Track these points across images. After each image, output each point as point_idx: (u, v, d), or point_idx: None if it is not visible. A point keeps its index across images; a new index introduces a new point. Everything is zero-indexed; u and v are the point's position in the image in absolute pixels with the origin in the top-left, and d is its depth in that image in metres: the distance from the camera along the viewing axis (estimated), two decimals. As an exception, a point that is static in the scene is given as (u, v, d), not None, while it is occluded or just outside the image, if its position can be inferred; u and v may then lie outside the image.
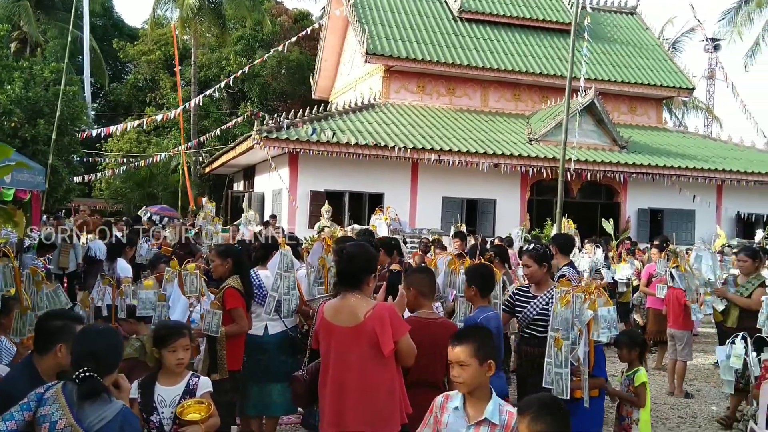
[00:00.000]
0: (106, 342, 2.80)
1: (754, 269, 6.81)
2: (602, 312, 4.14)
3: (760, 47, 33.11)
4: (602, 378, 4.40)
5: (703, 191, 19.74)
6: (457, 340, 3.01)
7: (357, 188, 17.65)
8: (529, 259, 4.91)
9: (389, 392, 3.41)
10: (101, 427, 2.61)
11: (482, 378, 2.96)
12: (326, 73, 25.79)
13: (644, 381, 4.73)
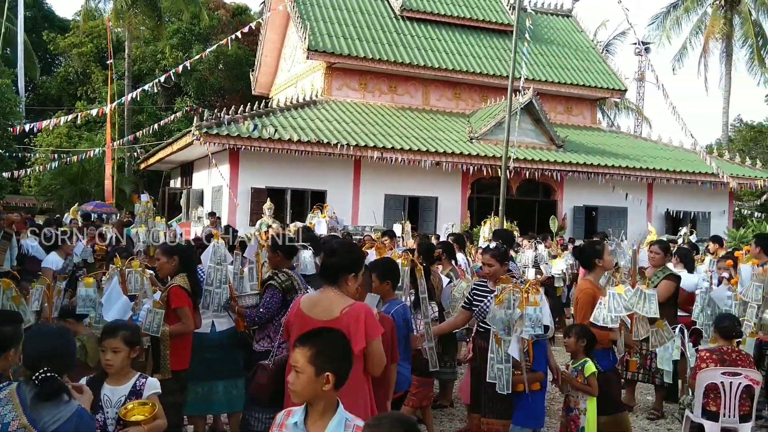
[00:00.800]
0: (62, 341, 2.72)
1: (663, 263, 7.02)
2: (528, 311, 4.29)
3: (687, 51, 34.54)
4: (541, 372, 4.49)
5: (634, 189, 20.45)
6: (299, 342, 2.65)
7: (299, 185, 17.53)
8: (491, 258, 5.05)
9: (354, 390, 3.37)
10: (56, 427, 2.55)
11: (316, 390, 2.58)
12: (266, 68, 25.49)
13: (594, 371, 4.85)
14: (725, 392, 5.11)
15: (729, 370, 5.12)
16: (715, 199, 21.98)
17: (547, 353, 4.72)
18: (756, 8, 32.46)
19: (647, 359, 6.72)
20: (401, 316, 4.38)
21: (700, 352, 5.34)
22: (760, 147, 32.15)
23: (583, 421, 4.79)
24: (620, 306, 4.73)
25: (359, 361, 3.40)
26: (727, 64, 33.27)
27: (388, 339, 3.70)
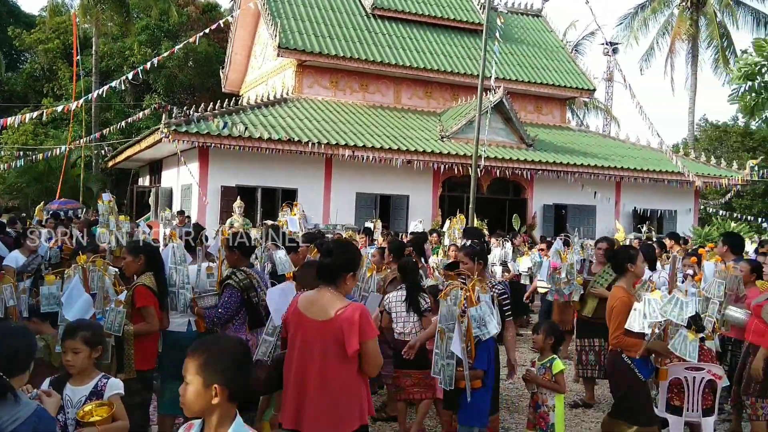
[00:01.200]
0: (17, 341, 2.67)
1: (606, 259, 7.02)
2: (471, 311, 4.29)
3: (654, 52, 35.09)
4: (481, 370, 4.49)
5: (603, 188, 20.71)
6: (190, 350, 2.42)
7: (270, 183, 17.42)
8: (465, 256, 5.09)
9: (348, 390, 3.41)
10: (15, 428, 2.50)
11: (206, 402, 2.33)
12: (237, 66, 25.29)
13: (562, 369, 4.90)
14: (689, 387, 5.20)
15: (692, 366, 5.21)
16: (681, 197, 22.37)
17: (492, 351, 4.69)
18: (721, 10, 33.08)
19: (601, 355, 6.82)
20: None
21: (664, 348, 5.42)
22: (724, 146, 32.80)
23: (552, 417, 4.83)
24: (656, 312, 4.66)
25: (353, 361, 3.39)
26: (692, 65, 33.86)
27: None
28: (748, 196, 31.06)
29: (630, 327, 4.75)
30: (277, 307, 4.47)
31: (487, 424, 4.68)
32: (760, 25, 32.02)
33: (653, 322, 4.72)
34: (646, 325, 4.71)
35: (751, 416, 5.61)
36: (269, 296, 4.50)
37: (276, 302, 4.46)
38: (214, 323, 4.73)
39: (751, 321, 5.72)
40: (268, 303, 4.49)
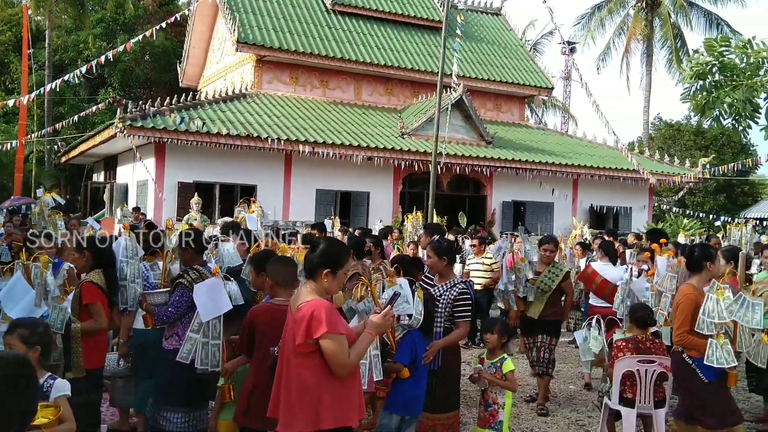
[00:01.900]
0: None
1: (553, 259, 7.13)
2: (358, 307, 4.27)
3: (610, 51, 35.76)
4: (401, 364, 4.50)
5: (561, 185, 21.02)
6: None
7: (228, 180, 17.21)
8: (430, 250, 5.07)
9: (301, 390, 3.32)
10: None
11: None
12: (194, 60, 24.91)
13: (512, 369, 4.91)
14: (641, 380, 5.29)
15: (644, 358, 5.31)
16: (636, 194, 22.84)
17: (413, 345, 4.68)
18: (675, 11, 33.86)
19: (542, 351, 6.80)
20: None
21: (616, 342, 5.51)
22: (678, 145, 33.54)
23: (502, 415, 4.84)
24: (722, 312, 4.55)
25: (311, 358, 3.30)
26: (647, 65, 34.59)
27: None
28: (700, 194, 31.86)
29: (699, 329, 4.64)
30: (204, 303, 4.40)
31: (418, 414, 4.67)
32: (712, 25, 32.86)
33: (720, 323, 4.59)
34: (713, 326, 4.60)
35: (701, 407, 5.74)
36: (196, 293, 4.42)
37: (203, 299, 4.38)
38: (163, 321, 4.65)
39: (700, 314, 5.84)
40: (195, 300, 4.41)
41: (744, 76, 6.50)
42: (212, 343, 4.44)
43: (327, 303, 3.39)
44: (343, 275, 3.49)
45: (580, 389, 7.75)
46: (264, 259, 4.65)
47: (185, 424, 4.57)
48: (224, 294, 4.55)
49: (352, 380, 3.40)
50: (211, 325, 4.47)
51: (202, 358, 4.42)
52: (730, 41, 6.88)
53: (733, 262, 5.83)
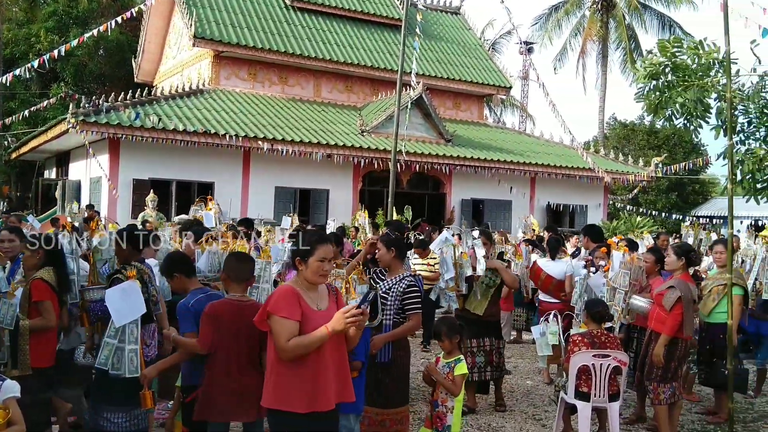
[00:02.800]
0: None
1: (491, 252, 7.09)
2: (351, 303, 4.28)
3: (567, 52, 36.32)
4: (359, 362, 4.52)
5: (518, 183, 21.28)
6: None
7: (185, 177, 16.95)
8: (380, 243, 5.10)
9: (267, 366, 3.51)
10: None
11: None
12: (150, 55, 24.46)
13: (464, 373, 4.87)
14: (596, 374, 5.38)
15: (599, 353, 5.40)
16: (591, 192, 23.25)
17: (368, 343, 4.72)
18: (629, 13, 34.58)
19: (492, 355, 6.57)
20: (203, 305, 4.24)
21: (572, 336, 5.59)
22: (632, 144, 34.24)
23: (450, 419, 4.81)
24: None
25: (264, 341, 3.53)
26: (602, 65, 35.25)
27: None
28: (653, 192, 32.59)
29: None
30: (119, 308, 4.29)
31: (361, 411, 4.69)
32: (665, 27, 33.66)
33: None
34: None
35: (654, 401, 5.87)
36: (108, 297, 4.32)
37: (117, 303, 4.29)
38: (98, 317, 4.56)
39: (653, 309, 5.98)
40: (108, 304, 4.30)
41: (695, 76, 6.63)
42: (129, 348, 4.32)
43: (289, 288, 3.47)
44: (316, 263, 3.46)
45: (537, 384, 7.85)
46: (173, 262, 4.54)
47: (126, 423, 4.50)
48: (139, 297, 4.43)
49: (304, 367, 3.36)
50: (127, 329, 4.34)
51: (113, 362, 4.31)
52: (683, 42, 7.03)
53: (685, 259, 5.97)
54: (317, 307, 3.48)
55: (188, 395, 4.19)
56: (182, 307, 4.23)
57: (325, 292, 3.59)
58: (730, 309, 5.58)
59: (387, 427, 4.87)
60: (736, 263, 7.76)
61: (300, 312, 3.39)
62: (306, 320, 3.38)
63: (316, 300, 3.51)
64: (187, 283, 4.43)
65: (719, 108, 6.17)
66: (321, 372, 3.38)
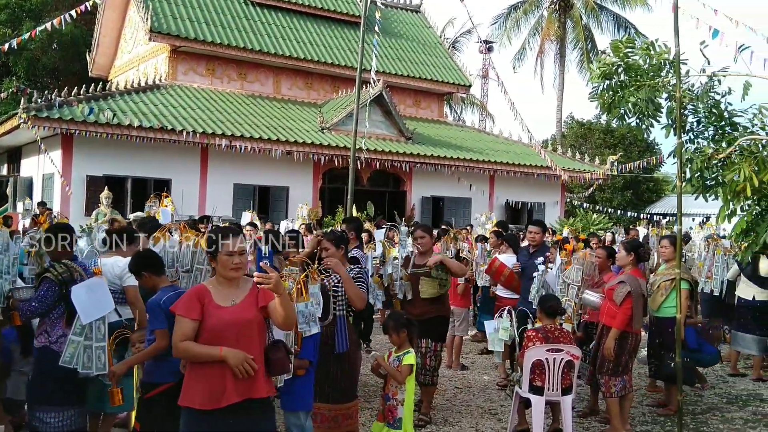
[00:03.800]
0: None
1: (431, 245, 6.53)
2: (299, 307, 4.25)
3: (526, 51, 36.74)
4: (306, 360, 4.54)
5: (478, 181, 21.47)
6: None
7: (141, 173, 16.65)
8: (326, 242, 5.09)
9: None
10: None
11: None
12: (105, 49, 23.93)
13: (411, 363, 4.91)
14: (549, 368, 5.47)
15: (552, 347, 5.49)
16: (549, 190, 23.60)
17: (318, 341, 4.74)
18: (586, 13, 35.16)
19: (427, 358, 6.16)
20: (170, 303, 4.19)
21: (527, 332, 5.68)
22: (589, 143, 34.84)
23: (400, 412, 4.85)
24: None
25: None
26: (560, 65, 35.77)
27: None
28: (608, 190, 33.23)
29: None
30: (84, 306, 4.23)
31: (310, 408, 4.70)
32: (621, 28, 34.32)
33: None
34: None
35: (605, 394, 6.00)
36: (74, 294, 4.26)
37: (83, 301, 4.22)
38: (27, 316, 4.48)
39: (604, 304, 6.10)
40: (74, 301, 4.24)
41: (647, 76, 6.77)
42: (96, 345, 4.26)
43: (198, 287, 3.52)
44: (223, 257, 3.43)
45: (494, 379, 7.94)
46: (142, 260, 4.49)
47: (59, 423, 4.43)
48: (106, 294, 4.37)
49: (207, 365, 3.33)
50: (94, 327, 4.28)
51: (84, 361, 4.24)
52: (635, 43, 7.17)
53: (634, 254, 6.11)
54: (232, 302, 3.43)
55: (148, 392, 4.13)
56: (153, 304, 4.18)
57: (246, 288, 3.51)
58: (679, 303, 5.72)
59: (339, 422, 4.90)
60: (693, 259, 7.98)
61: (198, 310, 3.36)
62: (207, 316, 3.36)
63: (231, 296, 3.45)
64: (156, 280, 4.37)
65: (669, 107, 6.32)
66: (224, 369, 3.31)
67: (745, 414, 6.92)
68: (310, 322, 4.32)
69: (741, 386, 8.06)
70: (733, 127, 6.29)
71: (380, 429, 4.97)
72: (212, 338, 3.34)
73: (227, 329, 3.35)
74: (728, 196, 5.71)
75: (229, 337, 3.34)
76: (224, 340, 3.33)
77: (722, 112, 6.27)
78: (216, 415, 3.31)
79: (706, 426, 6.49)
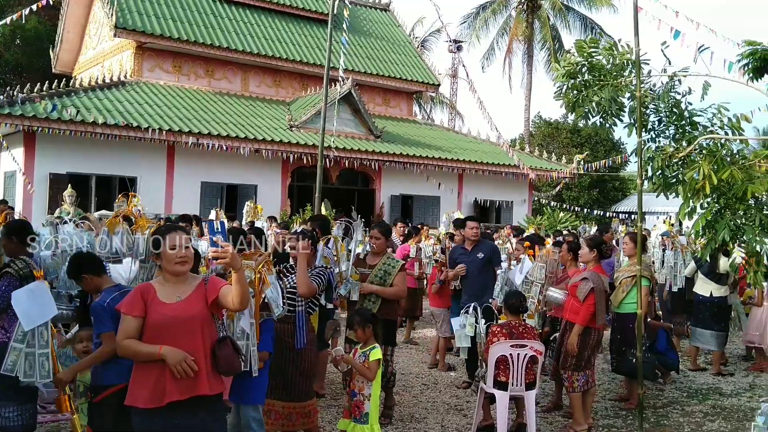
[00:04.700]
0: None
1: (386, 247, 6.25)
2: (267, 293, 4.27)
3: (494, 51, 36.99)
4: (266, 352, 4.55)
5: (447, 179, 21.57)
6: None
7: (106, 171, 16.40)
8: (291, 240, 5.13)
9: None
10: None
11: None
12: (69, 45, 23.49)
13: (378, 358, 4.91)
14: (513, 363, 5.53)
15: (516, 343, 5.55)
16: (517, 188, 23.81)
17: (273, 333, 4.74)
18: (554, 14, 35.53)
19: None
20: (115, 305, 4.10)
21: (492, 328, 5.73)
22: (556, 142, 35.22)
23: (367, 407, 4.86)
24: None
25: None
26: (528, 65, 36.09)
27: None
28: (575, 189, 33.65)
29: None
30: (27, 310, 4.12)
31: (263, 402, 4.71)
32: (587, 29, 34.76)
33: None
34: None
35: (568, 389, 6.08)
36: (15, 300, 4.15)
37: (24, 306, 4.11)
38: None
39: (567, 300, 6.19)
40: (15, 307, 4.13)
41: (610, 76, 6.87)
42: (39, 352, 4.15)
43: (144, 284, 3.53)
44: (167, 252, 3.42)
45: (461, 375, 7.99)
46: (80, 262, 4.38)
47: (18, 417, 4.40)
48: (49, 298, 4.27)
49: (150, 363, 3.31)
50: (37, 333, 4.17)
51: (25, 369, 4.13)
52: (599, 43, 7.27)
53: (597, 251, 6.20)
54: (177, 298, 3.41)
55: (96, 395, 4.06)
56: (97, 307, 4.06)
57: (193, 284, 3.49)
58: (639, 299, 5.82)
59: (293, 420, 4.90)
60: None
61: (141, 307, 3.36)
62: (150, 312, 3.36)
63: (177, 292, 3.43)
64: (98, 282, 4.27)
65: (632, 107, 6.43)
66: (165, 368, 3.29)
67: (704, 408, 7.08)
68: (277, 306, 4.39)
69: (701, 380, 8.24)
70: (693, 127, 6.41)
71: (347, 425, 4.97)
72: (154, 335, 3.33)
73: (169, 326, 3.33)
74: (688, 194, 5.83)
75: (170, 334, 3.32)
76: (166, 337, 3.31)
77: (682, 112, 6.40)
78: (161, 413, 3.29)
79: (666, 419, 6.62)
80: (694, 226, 6.12)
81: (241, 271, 3.34)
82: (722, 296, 8.39)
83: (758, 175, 5.73)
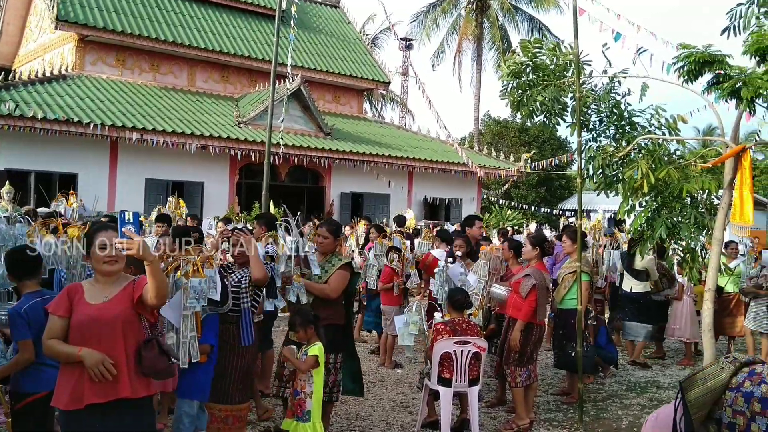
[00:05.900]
0: None
1: (333, 248, 5.68)
2: (193, 282, 4.24)
3: (445, 50, 37.27)
4: (207, 345, 4.53)
5: (397, 177, 21.63)
6: None
7: (45, 168, 15.90)
8: (239, 233, 5.09)
9: None
10: None
11: None
12: (9, 38, 22.68)
13: (316, 354, 4.88)
14: (457, 360, 5.58)
15: (460, 340, 5.59)
16: (466, 187, 24.04)
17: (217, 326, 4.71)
18: (503, 14, 35.99)
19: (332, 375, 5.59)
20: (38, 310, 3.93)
21: (435, 325, 5.76)
22: (505, 141, 35.67)
23: (310, 405, 4.85)
24: None
25: None
26: (477, 64, 36.46)
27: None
28: (523, 187, 34.15)
29: None
30: None
31: (206, 399, 4.68)
32: (535, 30, 35.31)
33: None
34: None
35: (511, 384, 6.17)
36: None
37: None
38: None
39: (511, 297, 6.28)
40: None
41: (554, 76, 6.99)
42: None
43: (73, 284, 3.50)
44: (96, 252, 3.36)
45: (407, 373, 8.02)
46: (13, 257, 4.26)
47: None
48: None
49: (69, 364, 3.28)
50: None
51: None
52: (543, 43, 7.38)
53: (539, 248, 6.30)
54: (105, 299, 3.36)
55: (18, 402, 3.93)
56: (12, 312, 3.89)
57: (122, 284, 3.44)
58: (579, 295, 5.94)
59: (230, 424, 4.84)
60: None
61: (66, 307, 3.33)
62: (74, 312, 3.32)
63: (105, 292, 3.38)
64: (19, 285, 4.12)
65: (574, 107, 6.56)
66: (84, 369, 3.23)
67: (642, 400, 7.28)
68: (200, 298, 4.25)
69: (640, 374, 8.47)
70: (632, 127, 6.58)
71: (290, 425, 4.94)
72: (78, 336, 3.28)
73: (91, 327, 3.27)
74: (627, 192, 5.99)
75: (93, 335, 3.27)
76: (89, 338, 3.26)
77: (622, 112, 6.56)
78: (82, 415, 3.24)
79: (606, 412, 6.78)
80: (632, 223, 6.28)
81: (155, 263, 3.27)
82: (641, 291, 8.68)
83: (694, 174, 5.93)
